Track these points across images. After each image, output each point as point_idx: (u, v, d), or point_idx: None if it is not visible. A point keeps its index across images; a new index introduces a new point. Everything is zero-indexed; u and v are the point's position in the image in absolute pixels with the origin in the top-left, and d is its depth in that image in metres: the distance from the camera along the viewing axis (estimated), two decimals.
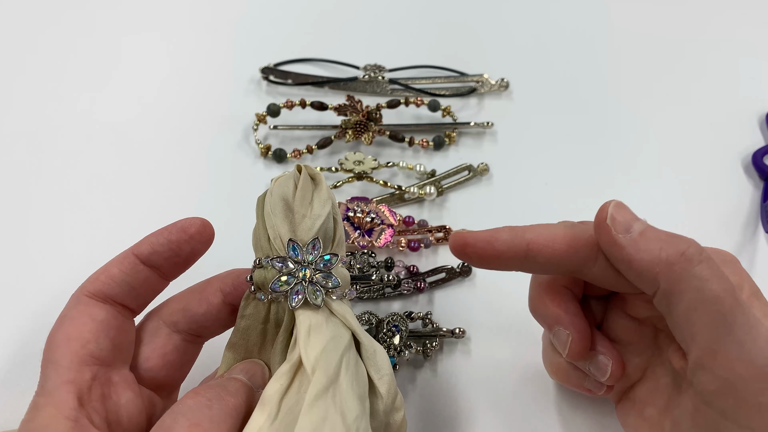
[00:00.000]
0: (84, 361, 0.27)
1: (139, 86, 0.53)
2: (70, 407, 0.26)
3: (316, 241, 0.30)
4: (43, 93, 0.52)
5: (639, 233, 0.28)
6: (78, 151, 0.49)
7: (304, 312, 0.29)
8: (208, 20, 0.57)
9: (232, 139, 0.50)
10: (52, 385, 0.26)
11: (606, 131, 0.52)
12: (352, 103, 0.49)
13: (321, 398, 0.25)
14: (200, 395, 0.26)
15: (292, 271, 0.29)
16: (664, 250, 0.27)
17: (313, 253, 0.30)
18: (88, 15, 0.57)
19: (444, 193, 0.48)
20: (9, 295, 0.43)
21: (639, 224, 0.29)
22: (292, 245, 0.29)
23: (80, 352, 0.27)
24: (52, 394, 0.26)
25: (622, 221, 0.29)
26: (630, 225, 0.29)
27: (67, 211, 0.46)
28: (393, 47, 0.56)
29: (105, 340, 0.28)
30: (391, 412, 0.29)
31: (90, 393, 0.27)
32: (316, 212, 0.30)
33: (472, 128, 0.52)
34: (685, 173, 0.50)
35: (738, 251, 0.46)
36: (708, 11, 0.59)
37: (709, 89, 0.54)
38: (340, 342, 0.28)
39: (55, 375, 0.27)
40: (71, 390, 0.26)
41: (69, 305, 0.30)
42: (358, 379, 0.28)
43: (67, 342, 0.28)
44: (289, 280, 0.29)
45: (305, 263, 0.29)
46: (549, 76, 0.55)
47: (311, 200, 0.31)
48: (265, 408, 0.26)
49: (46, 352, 0.28)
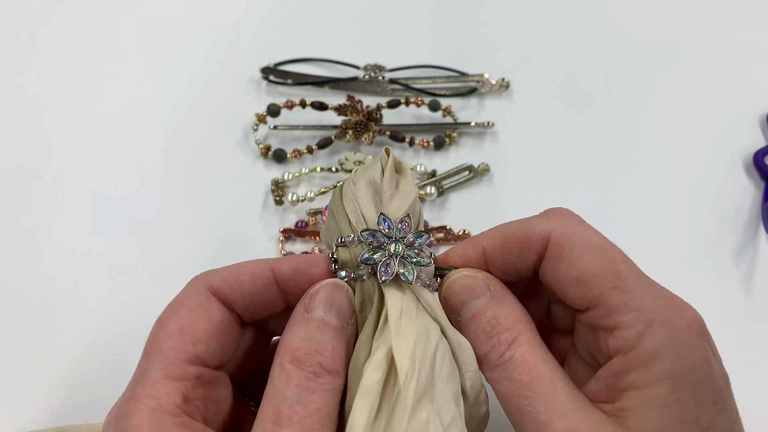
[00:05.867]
0: (191, 361, 0.26)
1: (138, 86, 0.53)
2: (174, 403, 0.25)
3: (408, 218, 0.28)
4: (43, 93, 0.52)
5: (468, 318, 0.28)
6: (78, 151, 0.49)
7: (395, 293, 0.27)
8: (208, 20, 0.57)
9: (232, 139, 0.50)
10: (156, 376, 0.25)
11: (607, 131, 0.52)
12: (353, 103, 0.49)
13: (421, 401, 0.25)
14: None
15: (383, 244, 0.28)
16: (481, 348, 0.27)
17: (404, 229, 0.28)
18: (88, 15, 0.56)
19: (444, 193, 0.48)
20: (9, 295, 0.43)
21: (468, 308, 0.28)
22: (383, 217, 0.28)
23: (190, 350, 0.26)
24: (155, 387, 0.25)
25: (453, 304, 0.29)
26: (459, 309, 0.28)
27: (67, 211, 0.46)
28: (393, 47, 0.56)
29: (216, 345, 0.27)
30: (474, 406, 0.28)
31: (194, 391, 0.26)
32: (406, 189, 0.29)
33: (472, 128, 0.52)
34: (686, 173, 0.50)
35: (739, 251, 0.46)
36: (708, 11, 0.59)
37: (710, 89, 0.54)
38: (432, 335, 0.27)
39: (159, 366, 0.26)
40: (176, 386, 0.25)
41: (189, 291, 0.28)
42: (452, 376, 0.27)
43: (179, 335, 0.26)
44: (380, 255, 0.28)
45: (397, 238, 0.28)
46: (549, 76, 0.55)
47: (398, 181, 0.30)
48: (367, 401, 0.25)
49: (155, 336, 0.27)
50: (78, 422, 0.38)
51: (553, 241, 0.28)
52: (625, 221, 0.47)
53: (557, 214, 0.29)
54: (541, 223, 0.28)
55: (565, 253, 0.27)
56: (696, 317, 0.26)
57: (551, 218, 0.29)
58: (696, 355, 0.25)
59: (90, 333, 0.42)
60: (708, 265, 0.46)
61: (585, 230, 0.28)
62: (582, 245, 0.27)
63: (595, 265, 0.27)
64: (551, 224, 0.28)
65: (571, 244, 0.27)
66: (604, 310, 0.26)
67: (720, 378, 0.26)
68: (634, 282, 0.26)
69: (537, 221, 0.29)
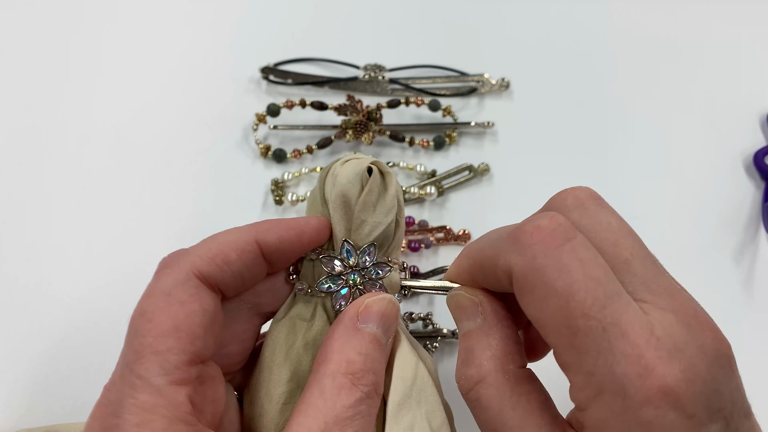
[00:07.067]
0: (192, 361, 0.24)
1: (138, 86, 0.53)
2: (186, 411, 0.23)
3: (372, 248, 0.29)
4: (42, 93, 0.52)
5: (460, 336, 0.28)
6: (78, 151, 0.49)
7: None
8: (208, 20, 0.57)
9: (232, 139, 0.50)
10: (160, 383, 0.23)
11: (607, 131, 0.52)
12: (353, 103, 0.49)
13: (404, 404, 0.25)
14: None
15: (341, 274, 0.29)
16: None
17: (367, 258, 0.29)
18: (88, 15, 0.56)
19: (444, 193, 0.48)
20: (8, 295, 0.43)
21: (460, 327, 0.28)
22: (346, 247, 0.28)
23: (189, 350, 0.24)
24: (161, 394, 0.23)
25: (454, 318, 0.28)
26: (456, 323, 0.28)
27: (67, 211, 0.46)
28: (393, 47, 0.56)
29: (211, 337, 0.26)
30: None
31: (198, 394, 0.25)
32: (377, 219, 0.29)
33: (472, 128, 0.52)
34: (686, 174, 0.50)
35: (739, 251, 0.46)
36: (708, 11, 0.59)
37: (710, 89, 0.54)
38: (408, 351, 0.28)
39: (160, 371, 0.24)
40: (183, 392, 0.24)
41: (173, 278, 0.26)
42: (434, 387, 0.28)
43: (176, 333, 0.24)
44: (337, 281, 0.28)
45: (357, 269, 0.29)
46: (550, 75, 0.55)
47: (375, 206, 0.29)
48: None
49: (142, 331, 0.24)
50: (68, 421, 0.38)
51: (515, 279, 0.24)
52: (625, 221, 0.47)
53: (523, 240, 0.24)
54: (505, 253, 0.25)
55: (524, 293, 0.24)
56: (664, 382, 0.21)
57: (516, 247, 0.24)
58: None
59: (90, 332, 0.42)
60: (708, 265, 0.46)
61: (548, 268, 0.23)
62: (540, 289, 0.23)
63: (550, 315, 0.23)
64: (513, 257, 0.24)
65: (531, 285, 0.24)
66: (559, 360, 0.24)
67: None
68: (590, 341, 0.22)
69: (503, 249, 0.25)
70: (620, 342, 0.22)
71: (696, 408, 0.21)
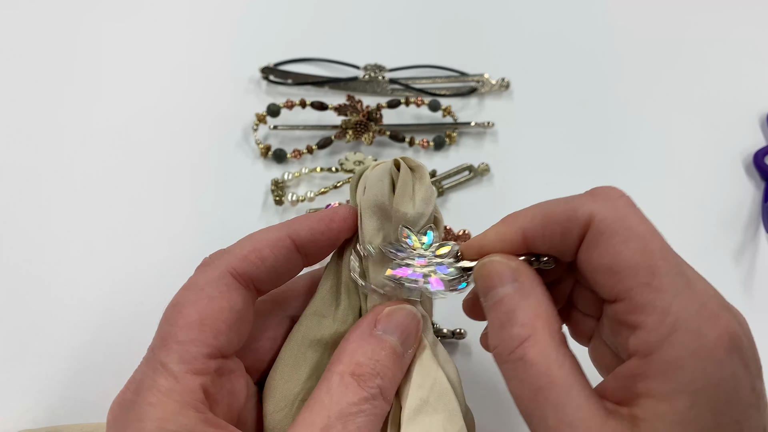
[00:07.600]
0: (212, 354, 0.26)
1: (138, 86, 0.53)
2: (198, 399, 0.25)
3: (432, 228, 0.29)
4: (42, 93, 0.52)
5: (490, 305, 0.27)
6: (78, 151, 0.49)
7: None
8: (208, 20, 0.57)
9: (232, 139, 0.50)
10: (177, 370, 0.25)
11: (607, 131, 0.52)
12: (353, 103, 0.49)
13: (421, 410, 0.26)
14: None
15: (407, 258, 0.29)
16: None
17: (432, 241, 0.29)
18: (88, 15, 0.56)
19: (444, 193, 0.48)
20: (8, 295, 0.43)
21: (492, 295, 0.28)
22: (408, 231, 0.29)
23: (211, 344, 0.26)
24: (178, 380, 0.24)
25: (480, 287, 0.28)
26: (485, 294, 0.28)
27: (67, 211, 0.46)
28: (393, 47, 0.56)
29: (235, 335, 0.27)
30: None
31: (213, 385, 0.26)
32: (419, 210, 0.29)
33: (472, 128, 0.52)
34: (686, 174, 0.50)
35: (739, 251, 0.46)
36: (708, 11, 0.59)
37: (710, 90, 0.54)
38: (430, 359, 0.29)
39: (179, 359, 0.25)
40: (198, 381, 0.25)
41: (209, 275, 0.27)
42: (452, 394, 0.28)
43: (200, 326, 0.26)
44: (414, 270, 0.29)
45: (427, 255, 0.29)
46: (550, 76, 0.55)
47: (413, 197, 0.29)
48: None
49: (171, 321, 0.26)
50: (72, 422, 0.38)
51: (595, 225, 0.26)
52: None
53: (604, 194, 0.27)
54: (584, 204, 0.26)
55: (603, 238, 0.26)
56: (730, 329, 0.23)
57: (597, 199, 0.27)
58: (722, 371, 0.23)
59: (89, 333, 0.42)
60: (708, 265, 0.46)
61: (630, 215, 0.26)
62: (623, 232, 0.25)
63: (630, 255, 0.25)
64: (595, 206, 0.26)
65: (612, 230, 0.25)
66: (630, 305, 0.25)
67: (748, 396, 0.24)
68: (668, 281, 0.24)
69: (581, 202, 0.27)
70: (691, 287, 0.24)
71: (749, 361, 0.24)
